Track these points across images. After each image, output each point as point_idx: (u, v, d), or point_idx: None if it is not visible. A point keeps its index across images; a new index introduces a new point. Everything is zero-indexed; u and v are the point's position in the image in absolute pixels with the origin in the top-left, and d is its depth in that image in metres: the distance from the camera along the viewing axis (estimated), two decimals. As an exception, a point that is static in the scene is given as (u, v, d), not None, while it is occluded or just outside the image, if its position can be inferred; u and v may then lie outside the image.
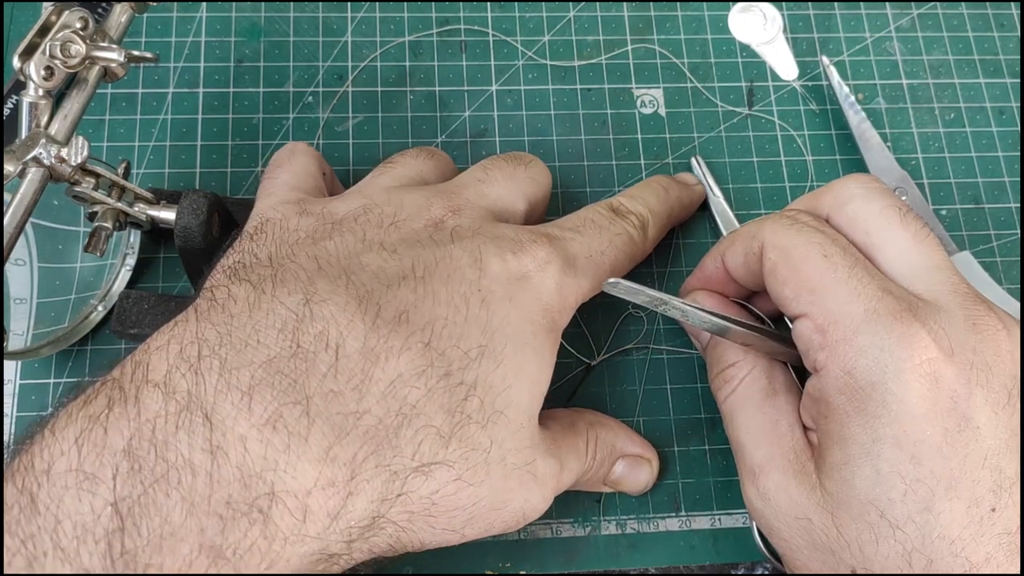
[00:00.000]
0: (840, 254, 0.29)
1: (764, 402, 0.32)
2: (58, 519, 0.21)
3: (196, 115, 0.41)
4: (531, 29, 0.44)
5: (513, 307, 0.28)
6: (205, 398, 0.23)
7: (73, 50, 0.29)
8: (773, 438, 0.31)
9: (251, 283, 0.26)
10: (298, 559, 0.23)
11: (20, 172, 0.29)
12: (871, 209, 0.30)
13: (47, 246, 0.36)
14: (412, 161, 0.34)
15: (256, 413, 0.23)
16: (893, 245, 0.30)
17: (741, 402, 0.32)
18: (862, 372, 0.27)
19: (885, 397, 0.27)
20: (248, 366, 0.24)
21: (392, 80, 0.42)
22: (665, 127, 0.42)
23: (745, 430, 0.32)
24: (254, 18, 0.43)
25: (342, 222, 0.29)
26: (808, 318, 0.29)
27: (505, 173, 0.33)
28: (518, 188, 0.33)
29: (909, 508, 0.26)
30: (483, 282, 0.28)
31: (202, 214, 0.32)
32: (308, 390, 0.24)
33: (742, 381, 0.32)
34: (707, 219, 0.41)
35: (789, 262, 0.30)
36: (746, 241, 0.32)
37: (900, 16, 0.45)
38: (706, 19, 0.45)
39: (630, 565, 0.36)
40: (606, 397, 0.38)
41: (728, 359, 0.33)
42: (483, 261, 0.28)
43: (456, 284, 0.27)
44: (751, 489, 0.31)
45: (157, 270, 0.38)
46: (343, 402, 0.24)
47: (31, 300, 0.35)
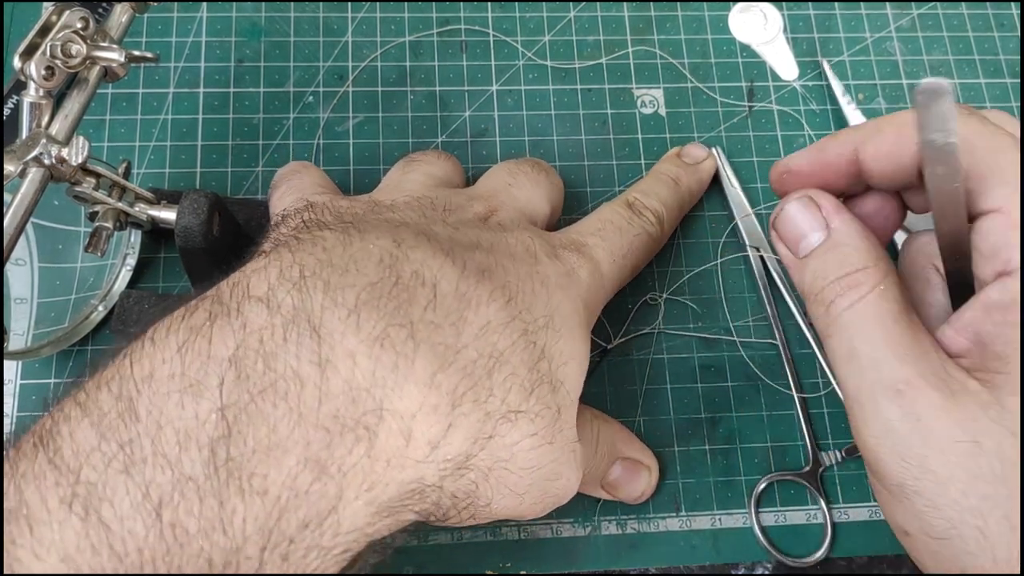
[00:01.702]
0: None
1: (902, 315, 0.27)
2: (160, 425, 0.21)
3: (196, 115, 0.41)
4: (531, 29, 0.44)
5: (564, 295, 0.29)
6: (313, 312, 0.23)
7: (74, 50, 0.29)
8: (919, 353, 0.26)
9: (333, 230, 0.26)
10: (396, 486, 0.23)
11: (21, 172, 0.29)
12: None
13: (47, 246, 0.36)
14: (437, 161, 0.35)
15: (364, 330, 0.23)
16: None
17: (873, 311, 0.27)
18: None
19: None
20: (352, 287, 0.23)
21: (392, 80, 0.42)
22: (665, 127, 0.42)
23: (883, 342, 0.26)
24: (254, 18, 0.43)
25: (393, 207, 0.30)
26: (1001, 213, 0.25)
27: (531, 179, 0.34)
28: (543, 193, 0.34)
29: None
30: (539, 267, 0.29)
31: (203, 214, 0.32)
32: (412, 316, 0.24)
33: (874, 288, 0.27)
34: (704, 219, 0.41)
35: (976, 151, 0.26)
36: (904, 130, 0.27)
37: (900, 16, 0.46)
38: (706, 19, 0.45)
39: (630, 565, 0.36)
40: (606, 397, 0.38)
41: (858, 262, 0.28)
42: (535, 252, 0.30)
43: (520, 263, 0.28)
44: (890, 408, 0.26)
45: (157, 270, 0.38)
46: (444, 335, 0.24)
47: (31, 300, 0.35)
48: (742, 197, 0.40)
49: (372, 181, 0.40)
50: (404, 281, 0.24)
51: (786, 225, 0.30)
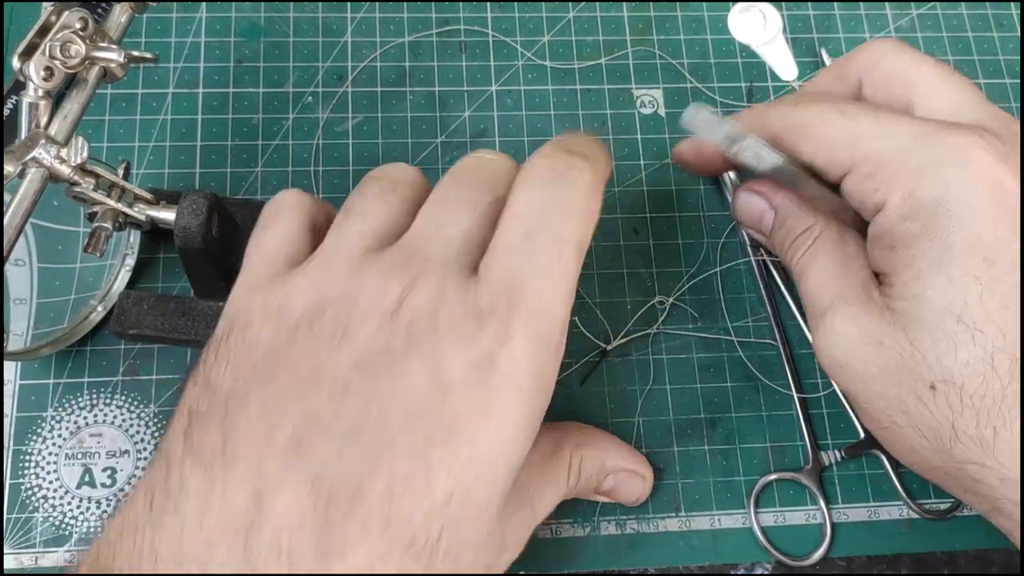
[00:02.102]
0: (856, 107, 0.30)
1: (835, 250, 0.32)
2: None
3: (196, 115, 0.41)
4: (531, 30, 0.44)
5: (488, 433, 0.25)
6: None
7: (73, 50, 0.29)
8: (842, 279, 0.31)
9: (203, 466, 0.24)
10: None
11: (20, 172, 0.29)
12: (904, 60, 0.31)
13: (47, 246, 0.36)
14: (375, 207, 0.29)
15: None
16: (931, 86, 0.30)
17: (813, 255, 0.32)
18: (923, 190, 0.28)
19: (950, 207, 0.27)
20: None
21: (392, 80, 0.42)
22: (665, 127, 0.42)
23: (816, 278, 0.32)
24: (254, 18, 0.43)
25: (297, 329, 0.26)
26: (852, 172, 0.29)
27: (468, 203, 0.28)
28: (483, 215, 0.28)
29: (987, 307, 0.27)
30: (447, 404, 0.25)
31: (202, 214, 0.32)
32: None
33: (816, 238, 0.32)
34: (704, 219, 0.41)
35: (808, 135, 0.30)
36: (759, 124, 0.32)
37: (900, 16, 0.46)
38: (706, 19, 0.45)
39: (630, 565, 0.36)
40: (606, 397, 0.38)
41: (802, 225, 0.33)
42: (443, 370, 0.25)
43: (417, 421, 0.25)
44: (820, 331, 0.31)
45: (157, 270, 0.38)
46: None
47: (31, 300, 0.35)
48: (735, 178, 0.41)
49: (371, 181, 0.40)
50: (255, 560, 0.23)
51: (744, 213, 0.36)
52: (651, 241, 0.40)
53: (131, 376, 0.37)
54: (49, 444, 0.35)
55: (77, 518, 0.35)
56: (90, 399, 0.36)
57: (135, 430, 0.36)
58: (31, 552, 0.34)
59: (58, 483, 0.35)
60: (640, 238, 0.40)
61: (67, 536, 0.34)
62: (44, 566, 0.34)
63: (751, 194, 0.35)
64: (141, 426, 0.36)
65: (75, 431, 0.36)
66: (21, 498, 0.35)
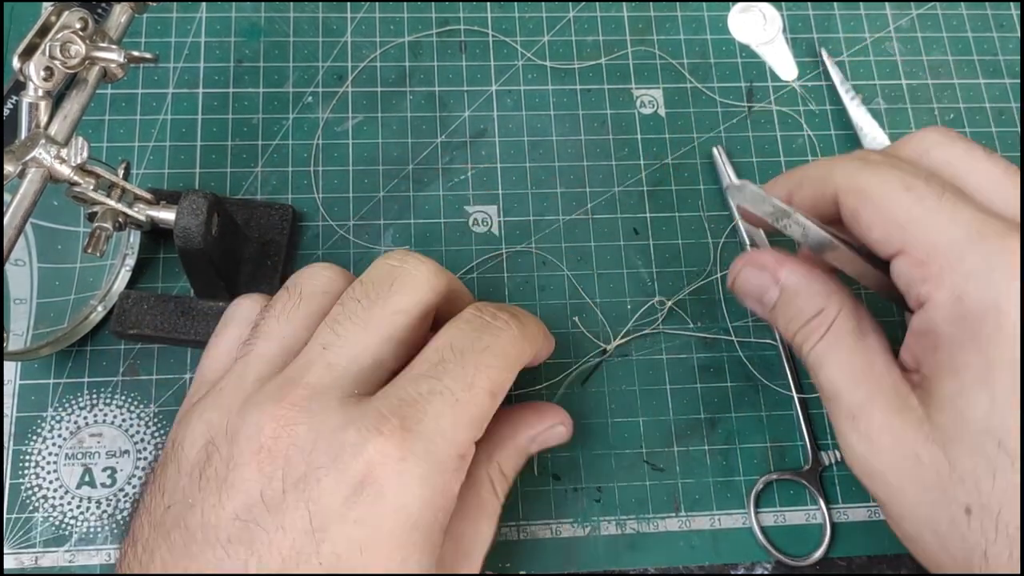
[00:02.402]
0: (924, 184, 0.28)
1: (857, 344, 0.30)
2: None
3: (196, 115, 0.41)
4: (531, 29, 0.44)
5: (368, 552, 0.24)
6: None
7: (73, 50, 0.29)
8: (871, 378, 0.29)
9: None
10: None
11: (20, 172, 0.29)
12: (955, 151, 0.29)
13: (47, 246, 0.36)
14: (274, 328, 0.29)
15: None
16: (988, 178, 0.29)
17: (832, 346, 0.30)
18: (973, 296, 0.26)
19: (999, 320, 0.25)
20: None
21: (392, 80, 0.42)
22: (665, 127, 0.42)
23: (840, 373, 0.29)
24: (254, 18, 0.43)
25: (191, 476, 0.26)
26: (904, 254, 0.28)
27: (359, 321, 0.28)
28: (377, 333, 0.28)
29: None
30: (324, 547, 0.24)
31: (201, 214, 0.32)
32: None
33: (831, 326, 0.30)
34: (704, 219, 0.41)
35: (869, 203, 0.28)
36: (816, 185, 0.30)
37: (900, 16, 0.46)
38: (706, 19, 0.45)
39: (630, 565, 0.36)
40: (606, 397, 0.38)
41: (814, 307, 0.30)
42: (319, 511, 0.24)
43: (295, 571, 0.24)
44: (852, 434, 0.29)
45: (156, 270, 0.38)
46: None
47: (31, 300, 0.35)
48: None
49: (371, 181, 0.40)
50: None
51: (745, 289, 0.33)
52: (651, 241, 0.40)
53: (131, 376, 0.37)
54: (49, 444, 0.35)
55: (77, 518, 0.35)
56: (90, 399, 0.36)
57: (135, 430, 0.36)
58: (31, 552, 0.34)
59: (58, 483, 0.35)
60: (640, 238, 0.40)
61: (67, 536, 0.34)
62: (44, 566, 0.34)
63: (754, 267, 0.32)
64: (141, 426, 0.36)
65: (75, 431, 0.36)
66: (21, 498, 0.35)
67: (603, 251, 0.40)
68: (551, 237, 0.40)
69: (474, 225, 0.40)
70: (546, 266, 0.39)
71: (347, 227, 0.39)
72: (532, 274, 0.39)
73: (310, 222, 0.39)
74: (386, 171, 0.41)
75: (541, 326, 0.31)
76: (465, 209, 0.40)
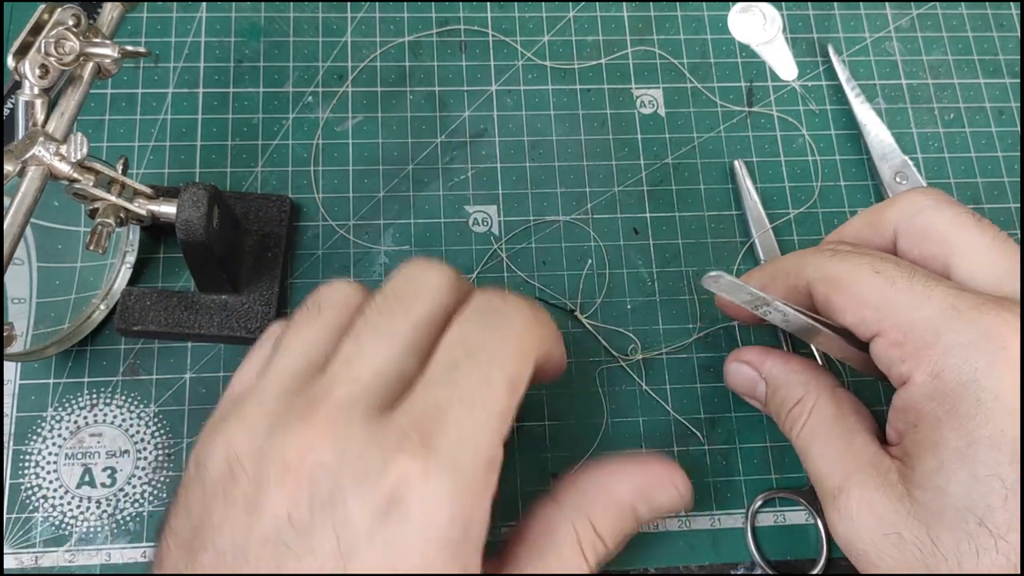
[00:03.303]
0: (893, 267, 0.28)
1: (835, 426, 0.30)
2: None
3: (196, 115, 0.41)
4: (531, 29, 0.44)
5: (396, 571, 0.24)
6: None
7: (67, 47, 0.29)
8: (849, 457, 0.29)
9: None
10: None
11: (20, 171, 0.29)
12: (944, 217, 0.29)
13: (47, 246, 0.36)
14: (295, 342, 0.28)
15: None
16: (974, 249, 0.29)
17: (813, 432, 0.31)
18: (951, 372, 0.26)
19: (979, 395, 0.25)
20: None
21: (392, 80, 0.42)
22: (665, 127, 0.42)
23: (821, 457, 0.30)
24: (254, 18, 0.43)
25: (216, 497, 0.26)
26: (881, 336, 0.28)
27: (382, 333, 0.27)
28: (400, 343, 0.27)
29: (1011, 515, 0.25)
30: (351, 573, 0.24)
31: (203, 206, 0.32)
32: None
33: (811, 413, 0.31)
34: (704, 219, 0.41)
35: (841, 289, 0.29)
36: (787, 279, 0.31)
37: (900, 16, 0.46)
38: (706, 19, 0.45)
39: (630, 565, 0.35)
40: (606, 397, 0.38)
41: (793, 397, 0.32)
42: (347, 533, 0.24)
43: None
44: (833, 513, 0.29)
45: (157, 269, 0.38)
46: None
47: (30, 300, 0.35)
48: (761, 212, 0.40)
49: (371, 181, 0.40)
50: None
51: (735, 384, 0.35)
52: (651, 241, 0.40)
53: (131, 376, 0.37)
54: (49, 444, 0.35)
55: (77, 518, 0.34)
56: (90, 399, 0.36)
57: (135, 430, 0.36)
58: (31, 552, 0.34)
59: (58, 483, 0.35)
60: (640, 238, 0.40)
61: (67, 536, 0.34)
62: (44, 566, 0.34)
63: (740, 364, 0.34)
64: (141, 426, 0.36)
65: (75, 431, 0.36)
66: (21, 498, 0.34)
67: (603, 251, 0.40)
68: (551, 237, 0.40)
69: (474, 225, 0.40)
70: (546, 266, 0.39)
71: (347, 227, 0.39)
72: (532, 274, 0.39)
73: (310, 222, 0.39)
74: (386, 171, 0.41)
75: (546, 312, 0.30)
76: (465, 209, 0.40)
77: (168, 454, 0.36)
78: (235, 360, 0.37)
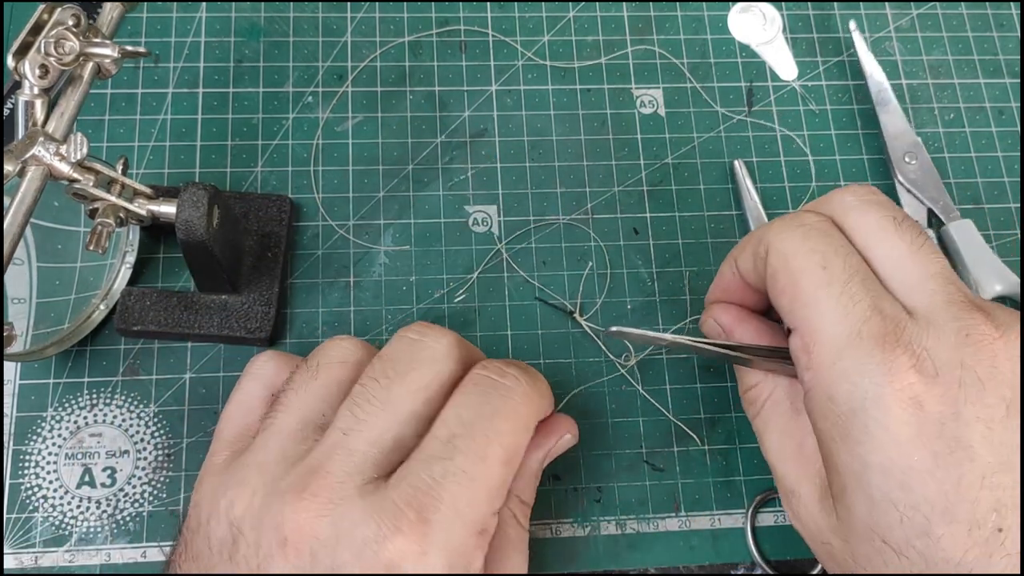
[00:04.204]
0: (840, 266, 0.28)
1: (788, 423, 0.31)
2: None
3: (196, 115, 0.41)
4: (531, 29, 0.44)
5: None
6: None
7: (67, 47, 0.29)
8: (800, 461, 0.30)
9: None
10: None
11: (20, 171, 0.29)
12: (868, 220, 0.29)
13: (46, 246, 0.36)
14: (295, 401, 0.29)
15: None
16: (889, 256, 0.28)
17: (766, 423, 0.32)
18: (843, 398, 0.26)
19: (867, 424, 0.26)
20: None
21: (392, 80, 0.42)
22: (665, 127, 0.42)
23: (774, 452, 0.31)
24: (254, 18, 0.43)
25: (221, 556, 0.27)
26: (797, 334, 0.28)
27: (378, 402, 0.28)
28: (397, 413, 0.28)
29: (907, 533, 0.25)
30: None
31: (203, 206, 0.32)
32: None
33: (764, 403, 0.32)
34: (704, 219, 0.41)
35: (788, 270, 0.29)
36: (755, 244, 0.31)
37: (900, 16, 0.45)
38: (706, 19, 0.45)
39: (630, 565, 0.35)
40: (605, 397, 0.38)
41: (750, 381, 0.32)
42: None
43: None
44: (788, 511, 0.31)
45: (156, 269, 0.38)
46: None
47: (30, 300, 0.35)
48: (761, 212, 0.40)
49: (371, 181, 0.40)
50: None
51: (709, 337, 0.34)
52: (651, 241, 0.40)
53: (131, 376, 0.36)
54: (49, 444, 0.35)
55: (77, 518, 0.34)
56: (90, 399, 0.36)
57: (135, 430, 0.36)
58: (31, 552, 0.34)
59: (58, 483, 0.35)
60: (640, 238, 0.40)
61: (67, 536, 0.34)
62: (44, 566, 0.34)
63: (714, 324, 0.34)
64: (141, 426, 0.36)
65: (75, 431, 0.36)
66: (21, 498, 0.34)
67: (603, 251, 0.40)
68: (551, 237, 0.40)
69: (474, 225, 0.40)
70: (546, 266, 0.39)
71: (347, 227, 0.39)
72: (532, 274, 0.39)
73: (310, 222, 0.39)
74: (386, 171, 0.41)
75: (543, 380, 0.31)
76: (465, 209, 0.40)
77: (168, 454, 0.36)
78: (235, 360, 0.37)
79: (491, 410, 0.28)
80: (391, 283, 0.39)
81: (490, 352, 0.38)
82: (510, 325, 0.38)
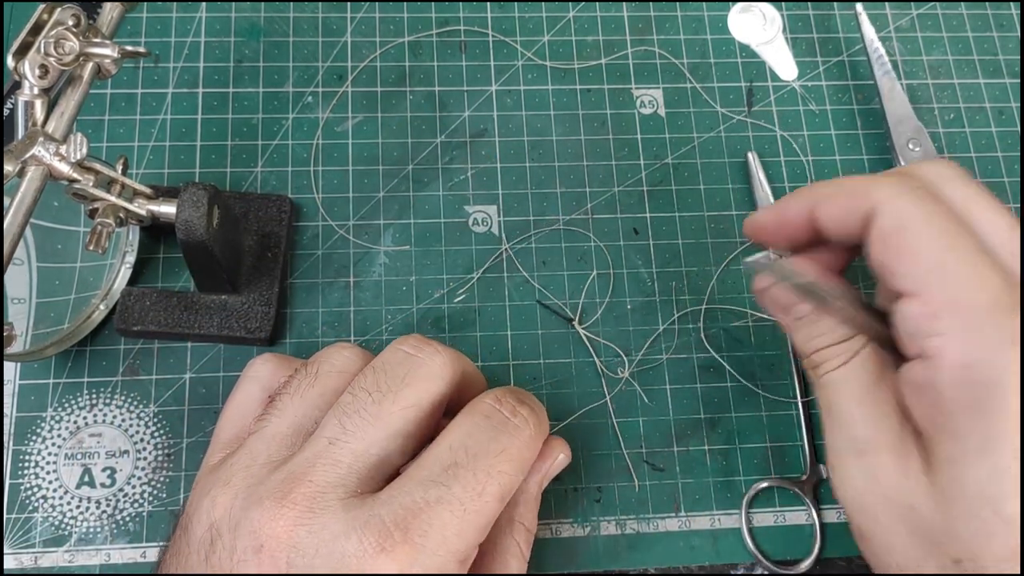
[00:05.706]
0: (965, 234, 0.27)
1: (875, 384, 0.30)
2: None
3: (196, 115, 0.41)
4: (531, 29, 0.44)
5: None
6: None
7: (67, 47, 0.29)
8: (882, 418, 0.29)
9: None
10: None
11: (19, 171, 0.29)
12: (969, 193, 0.28)
13: (46, 246, 0.35)
14: (289, 406, 0.29)
15: None
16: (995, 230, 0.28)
17: (850, 377, 0.30)
18: (983, 367, 0.26)
19: (1006, 396, 0.25)
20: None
21: (392, 80, 0.42)
22: (665, 127, 0.42)
23: (855, 405, 0.29)
24: (254, 18, 0.43)
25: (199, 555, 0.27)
26: (919, 299, 0.27)
27: (367, 415, 0.28)
28: (385, 428, 0.28)
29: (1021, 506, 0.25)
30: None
31: (203, 206, 0.32)
32: None
33: (852, 358, 0.30)
34: (704, 219, 0.41)
35: (907, 233, 0.27)
36: (852, 199, 0.29)
37: (900, 16, 0.45)
38: (706, 19, 0.45)
39: (630, 565, 0.35)
40: (606, 397, 0.38)
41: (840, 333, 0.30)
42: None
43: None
44: (854, 465, 0.29)
45: (156, 269, 0.38)
46: None
47: (30, 300, 0.35)
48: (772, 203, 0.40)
49: (371, 181, 0.40)
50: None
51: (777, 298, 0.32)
52: (651, 241, 0.40)
53: (131, 376, 0.36)
54: (49, 444, 0.35)
55: (77, 518, 0.34)
56: (90, 399, 0.36)
57: (135, 430, 0.36)
58: (31, 552, 0.34)
59: (58, 483, 0.35)
60: (640, 238, 0.40)
61: (67, 536, 0.34)
62: (44, 566, 0.34)
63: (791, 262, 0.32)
64: (141, 426, 0.36)
65: (75, 431, 0.36)
66: (21, 498, 0.34)
67: (603, 251, 0.40)
68: (551, 237, 0.40)
69: (474, 225, 0.40)
70: (546, 266, 0.39)
71: (347, 227, 0.39)
72: (532, 274, 0.39)
73: (310, 222, 0.39)
74: (386, 171, 0.41)
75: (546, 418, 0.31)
76: (465, 209, 0.40)
77: (168, 454, 0.36)
78: (235, 360, 0.37)
79: (498, 448, 0.28)
80: (391, 283, 0.39)
81: (490, 352, 0.38)
82: (510, 325, 0.38)
